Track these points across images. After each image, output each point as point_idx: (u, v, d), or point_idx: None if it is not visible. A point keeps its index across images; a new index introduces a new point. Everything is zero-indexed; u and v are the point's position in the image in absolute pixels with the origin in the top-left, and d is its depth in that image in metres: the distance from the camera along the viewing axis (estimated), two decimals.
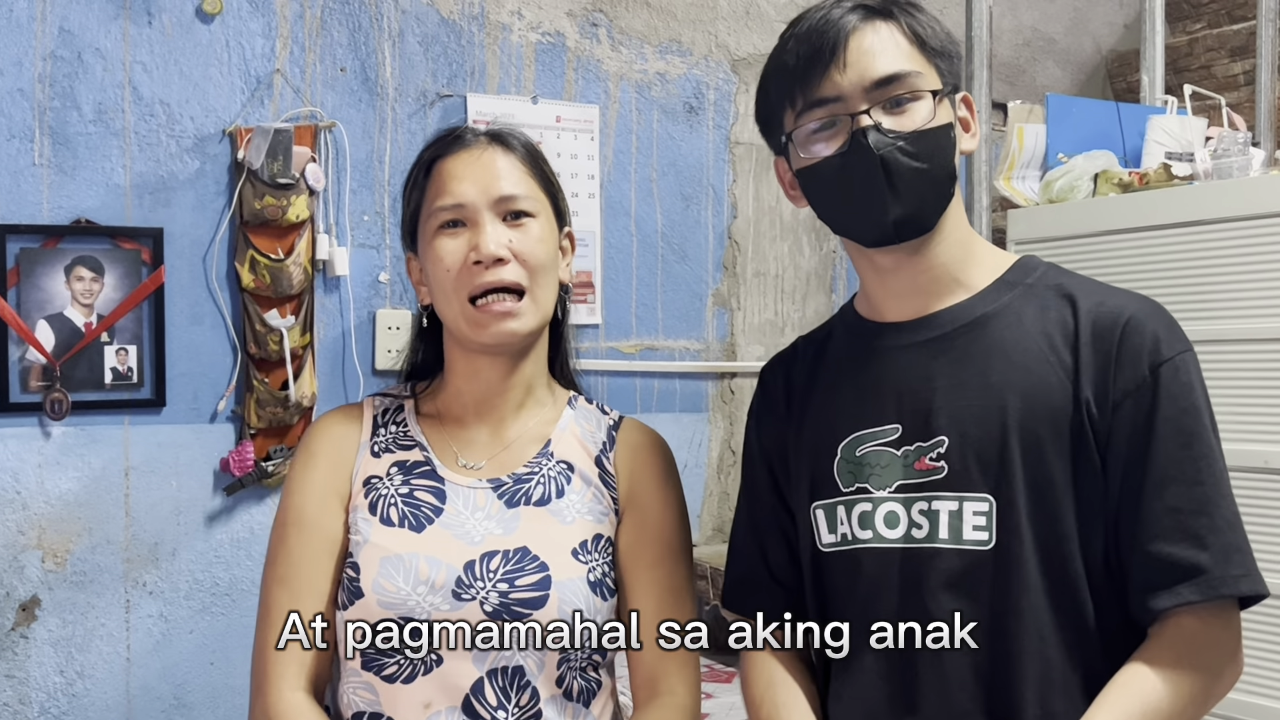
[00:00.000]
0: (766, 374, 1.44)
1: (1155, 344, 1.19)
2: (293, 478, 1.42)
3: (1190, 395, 1.18)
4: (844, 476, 1.28)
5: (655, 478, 1.45)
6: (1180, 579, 1.14)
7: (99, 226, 2.64)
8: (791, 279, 3.58)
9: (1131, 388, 1.17)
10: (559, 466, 1.42)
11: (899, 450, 1.24)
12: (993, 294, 1.26)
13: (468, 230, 1.36)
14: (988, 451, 1.19)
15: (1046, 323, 1.22)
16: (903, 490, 1.23)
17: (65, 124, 2.62)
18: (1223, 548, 1.15)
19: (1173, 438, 1.17)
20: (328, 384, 2.86)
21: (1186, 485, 1.16)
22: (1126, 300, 1.23)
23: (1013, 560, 1.18)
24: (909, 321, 1.28)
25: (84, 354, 2.62)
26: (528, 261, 1.36)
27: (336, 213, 2.88)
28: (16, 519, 2.58)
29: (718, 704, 2.81)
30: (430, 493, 1.38)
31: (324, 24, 2.89)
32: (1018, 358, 1.21)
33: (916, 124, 1.20)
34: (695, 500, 3.42)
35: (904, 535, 1.23)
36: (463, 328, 1.37)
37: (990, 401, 1.20)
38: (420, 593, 1.30)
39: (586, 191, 3.24)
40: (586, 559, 1.36)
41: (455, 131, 1.43)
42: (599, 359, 3.24)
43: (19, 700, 2.57)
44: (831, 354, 1.36)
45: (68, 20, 2.62)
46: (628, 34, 3.30)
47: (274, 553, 1.39)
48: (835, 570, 1.29)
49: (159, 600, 2.71)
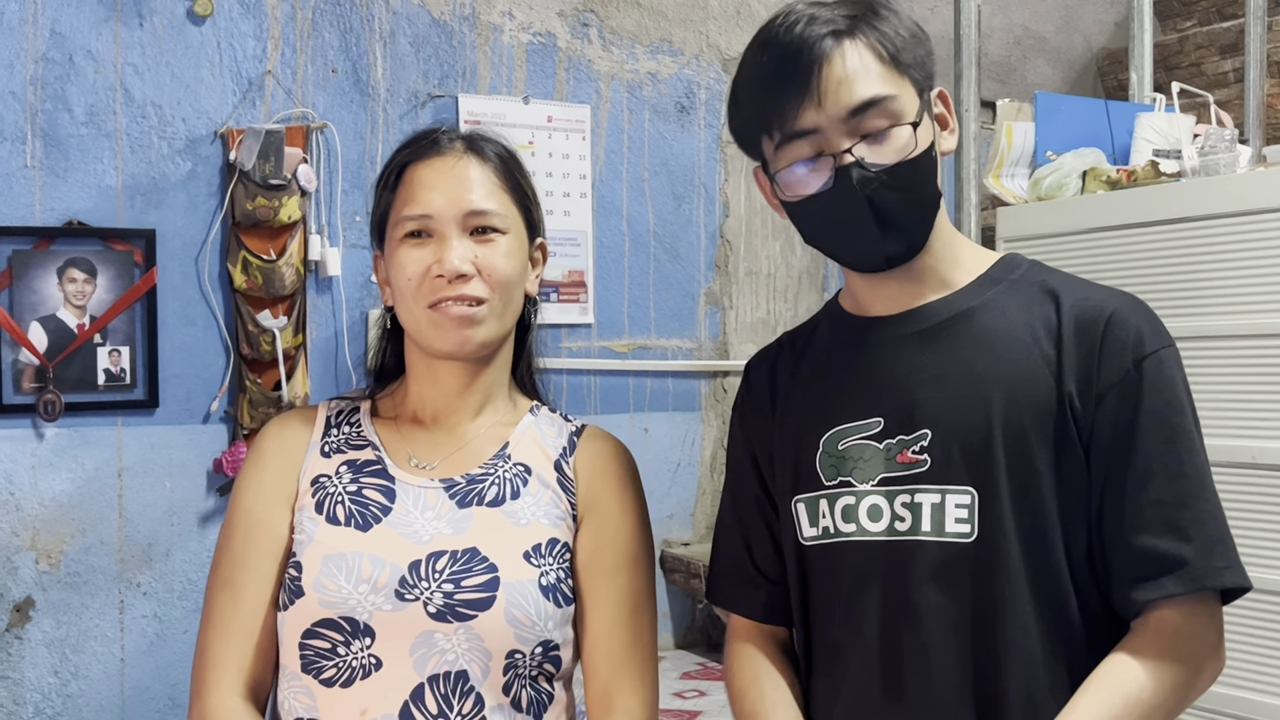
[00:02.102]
0: (751, 369, 1.44)
1: (1138, 338, 1.19)
2: (241, 479, 1.39)
3: (1173, 389, 1.19)
4: (826, 470, 1.28)
5: (616, 485, 1.40)
6: (1163, 571, 1.15)
7: (91, 228, 2.64)
8: (783, 278, 3.59)
9: (1115, 381, 1.18)
10: (516, 468, 1.38)
11: (881, 444, 1.24)
12: (977, 289, 1.27)
13: (433, 241, 1.33)
14: (971, 444, 1.19)
15: (1030, 317, 1.22)
16: (885, 483, 1.23)
17: (57, 126, 2.62)
18: (1205, 540, 1.15)
19: (1156, 431, 1.17)
20: (320, 384, 2.86)
21: (1169, 478, 1.16)
22: (1109, 296, 1.23)
23: (995, 552, 1.18)
24: (893, 315, 1.28)
25: (77, 355, 2.63)
26: (492, 277, 1.33)
27: (328, 213, 2.88)
28: (10, 520, 2.58)
29: (711, 702, 2.81)
30: (379, 491, 1.34)
31: (315, 25, 2.89)
32: (1001, 351, 1.21)
33: (898, 154, 1.19)
34: (688, 499, 3.43)
35: (887, 528, 1.23)
36: (423, 331, 1.34)
37: (974, 394, 1.20)
38: (362, 592, 1.26)
39: (578, 191, 3.25)
40: (539, 563, 1.31)
41: (431, 135, 1.40)
42: (591, 358, 3.25)
43: (13, 701, 2.58)
44: (816, 348, 1.36)
45: (59, 23, 2.62)
46: (619, 34, 3.31)
47: (219, 554, 1.37)
48: (818, 563, 1.29)
49: (153, 601, 2.71)
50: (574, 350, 3.24)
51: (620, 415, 3.26)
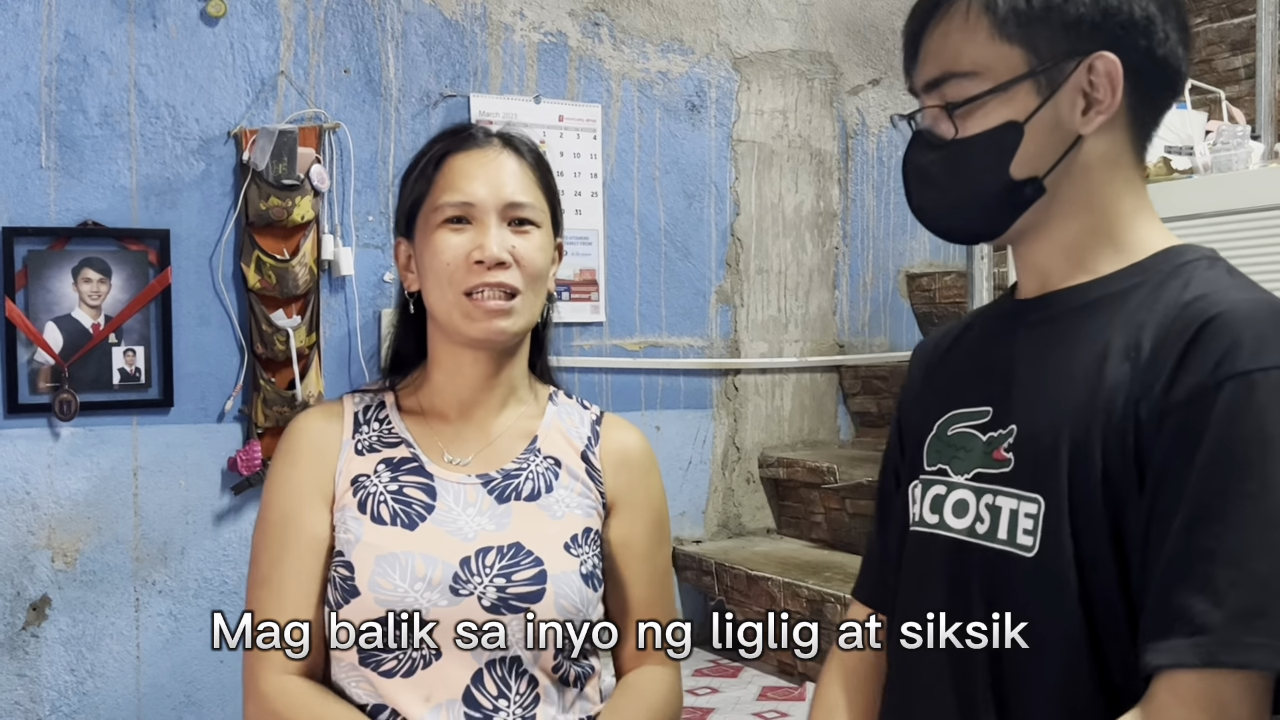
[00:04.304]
0: (915, 351, 1.36)
1: (1232, 353, 0.98)
2: (273, 477, 1.42)
3: (1259, 419, 0.97)
4: (931, 455, 1.20)
5: (641, 473, 1.49)
6: (1184, 634, 0.97)
7: (106, 228, 2.66)
8: (794, 275, 3.60)
9: (1185, 398, 1.00)
10: (547, 462, 1.43)
11: (984, 435, 1.15)
12: (1116, 280, 1.11)
13: (472, 228, 1.37)
14: (1044, 448, 1.08)
15: (1148, 314, 1.06)
16: (979, 479, 1.14)
17: (71, 127, 2.64)
18: (1242, 610, 0.95)
19: (1224, 466, 0.97)
20: (334, 383, 2.87)
21: (1224, 527, 0.97)
22: (1238, 298, 1.03)
23: (1051, 571, 1.06)
24: (1028, 300, 1.18)
25: (92, 355, 2.64)
26: (527, 268, 1.37)
27: (341, 213, 2.89)
28: (26, 519, 2.59)
29: (723, 699, 2.82)
30: (420, 489, 1.38)
31: (327, 25, 2.90)
32: (1100, 349, 1.07)
33: (969, 130, 1.10)
34: (700, 496, 3.44)
35: (968, 528, 1.14)
36: (455, 319, 1.37)
37: (1062, 395, 1.08)
38: (418, 589, 1.31)
39: (589, 190, 3.25)
40: (578, 552, 1.38)
41: (468, 129, 1.44)
42: (603, 356, 3.26)
43: (30, 699, 2.59)
44: (974, 329, 1.28)
45: (73, 24, 2.64)
46: (629, 33, 3.32)
47: (256, 553, 1.40)
48: (908, 552, 1.22)
49: (168, 599, 2.73)
50: (586, 348, 3.25)
51: (632, 413, 3.27)
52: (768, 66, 3.56)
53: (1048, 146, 1.10)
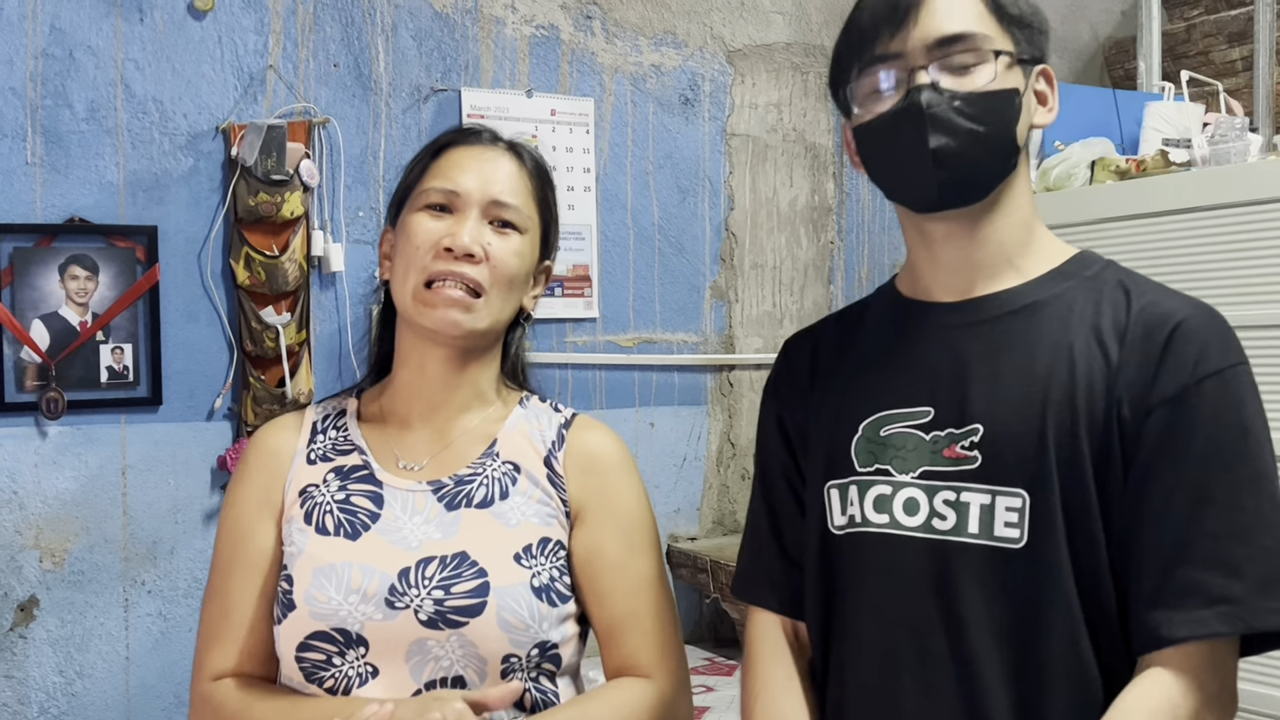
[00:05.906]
0: (792, 346, 1.37)
1: (1203, 354, 1.11)
2: (229, 492, 1.41)
3: (1237, 412, 1.11)
4: (862, 456, 1.21)
5: (610, 477, 1.39)
6: (1206, 606, 1.06)
7: (93, 225, 2.63)
8: (789, 270, 3.57)
9: (1169, 396, 1.10)
10: (504, 467, 1.36)
11: (928, 435, 1.18)
12: (1047, 283, 1.20)
13: (452, 218, 1.34)
14: (1025, 445, 1.13)
15: (1099, 317, 1.16)
16: (927, 477, 1.17)
17: (57, 122, 2.61)
18: (1261, 578, 1.06)
19: (1214, 456, 1.09)
20: (324, 380, 2.85)
21: (1225, 510, 1.08)
22: (1182, 304, 1.16)
23: (1045, 560, 1.11)
24: (954, 303, 1.22)
25: (79, 353, 2.61)
26: (498, 268, 1.33)
27: (331, 209, 2.87)
28: (14, 519, 2.57)
29: (719, 697, 2.80)
30: (367, 498, 1.33)
31: (317, 19, 2.88)
32: (1064, 350, 1.15)
33: (976, 86, 1.15)
34: (694, 493, 3.41)
35: (924, 524, 1.16)
36: (412, 306, 1.33)
37: (1031, 393, 1.14)
38: (352, 602, 1.25)
39: (582, 185, 3.23)
40: (530, 564, 1.30)
41: (477, 128, 1.42)
42: (596, 352, 3.24)
43: (18, 700, 2.57)
44: (866, 329, 1.29)
45: (59, 18, 2.61)
46: (622, 26, 3.29)
47: (212, 567, 1.39)
48: (845, 554, 1.22)
49: (158, 599, 2.70)
50: (579, 345, 3.23)
51: (626, 409, 3.25)
52: (762, 60, 3.54)
53: (1023, 127, 1.20)
